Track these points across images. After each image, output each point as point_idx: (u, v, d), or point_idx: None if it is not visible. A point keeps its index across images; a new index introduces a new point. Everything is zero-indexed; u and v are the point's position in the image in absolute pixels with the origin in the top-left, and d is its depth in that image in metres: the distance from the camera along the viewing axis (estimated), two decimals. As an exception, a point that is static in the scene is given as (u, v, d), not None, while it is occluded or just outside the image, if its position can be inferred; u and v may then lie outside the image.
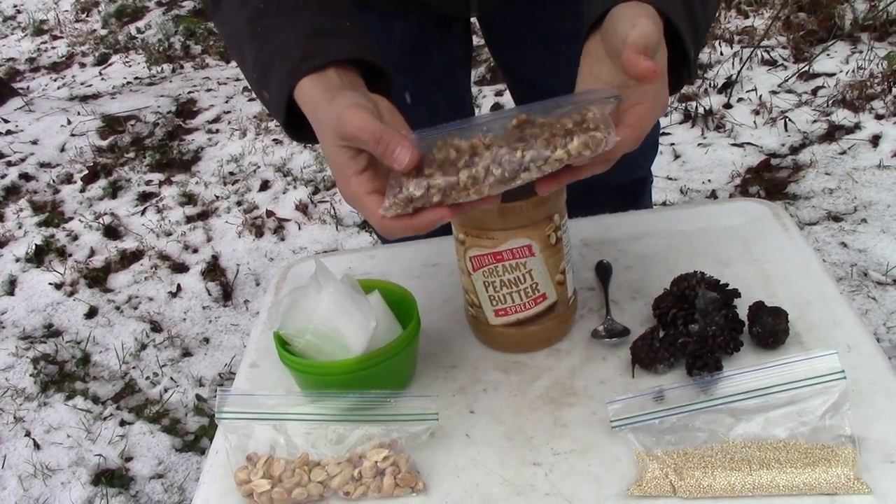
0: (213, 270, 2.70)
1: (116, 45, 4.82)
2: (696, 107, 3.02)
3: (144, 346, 2.41)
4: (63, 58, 4.85)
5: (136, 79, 4.37)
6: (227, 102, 3.87)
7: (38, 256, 2.88)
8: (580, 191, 0.97)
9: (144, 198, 3.19)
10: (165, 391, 2.23)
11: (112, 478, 1.98)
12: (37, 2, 5.72)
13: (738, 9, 3.73)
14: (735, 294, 0.93)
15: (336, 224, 2.78)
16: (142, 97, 4.03)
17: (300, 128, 0.83)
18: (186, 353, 2.37)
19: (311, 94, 0.78)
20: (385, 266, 1.16)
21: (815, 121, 2.85)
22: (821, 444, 0.75)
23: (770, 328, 0.87)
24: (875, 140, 2.70)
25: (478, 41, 1.53)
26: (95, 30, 5.16)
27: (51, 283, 2.72)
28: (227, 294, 2.60)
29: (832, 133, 2.78)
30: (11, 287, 2.75)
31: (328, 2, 0.86)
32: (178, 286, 2.63)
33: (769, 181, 2.63)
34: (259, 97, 0.89)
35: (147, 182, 3.28)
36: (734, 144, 2.82)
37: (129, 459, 2.03)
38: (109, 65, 4.63)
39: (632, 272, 1.05)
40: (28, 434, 2.14)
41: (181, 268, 2.74)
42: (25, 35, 5.27)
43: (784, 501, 0.72)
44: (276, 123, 3.39)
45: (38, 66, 4.81)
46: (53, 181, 3.37)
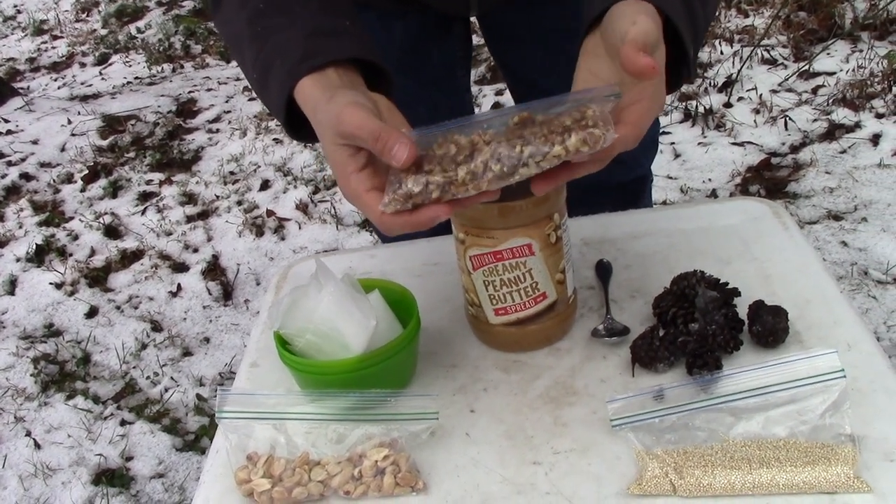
0: (214, 270, 2.70)
1: (117, 45, 4.82)
2: (697, 106, 3.02)
3: (145, 346, 2.41)
4: (63, 58, 4.85)
5: (137, 78, 4.37)
6: (228, 102, 3.87)
7: (39, 256, 2.88)
8: (580, 189, 0.97)
9: (145, 197, 3.19)
10: (166, 391, 2.23)
11: (112, 477, 1.99)
12: (37, 2, 5.72)
13: (739, 8, 3.73)
14: (735, 293, 0.93)
15: (336, 223, 2.78)
16: (142, 97, 4.03)
17: (300, 127, 0.83)
18: (187, 353, 2.37)
19: (311, 94, 0.78)
20: (385, 265, 1.16)
21: (816, 120, 2.85)
22: (821, 443, 0.75)
23: (770, 327, 0.87)
24: (875, 139, 2.70)
25: (478, 40, 1.53)
26: (95, 30, 5.16)
27: (51, 283, 2.72)
28: (228, 294, 2.60)
29: (832, 132, 2.78)
30: (12, 287, 2.76)
31: (328, 2, 0.86)
32: (179, 286, 2.64)
33: (769, 180, 2.63)
34: (259, 97, 0.89)
35: (147, 182, 3.28)
36: (734, 143, 2.82)
37: (130, 459, 2.03)
38: (110, 65, 4.63)
39: (632, 271, 1.05)
40: (29, 434, 2.14)
41: (181, 267, 2.74)
42: (25, 35, 5.27)
43: (784, 500, 0.72)
44: (277, 123, 3.40)
45: (39, 66, 4.81)
46: (54, 181, 3.37)
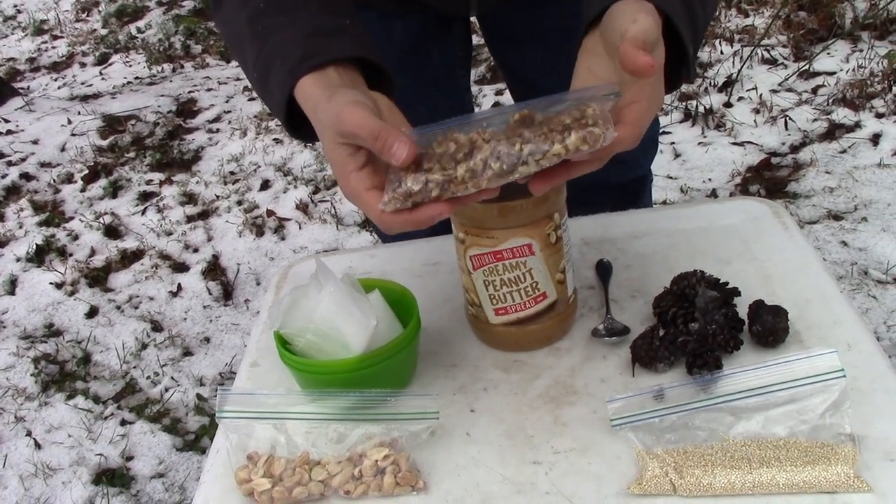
0: (214, 270, 2.70)
1: (117, 45, 4.82)
2: (697, 106, 3.02)
3: (145, 346, 2.41)
4: (63, 57, 4.85)
5: (137, 78, 4.37)
6: (228, 102, 3.87)
7: (39, 256, 2.88)
8: (580, 189, 0.98)
9: (145, 197, 3.19)
10: (166, 391, 2.23)
11: (113, 477, 1.99)
12: (37, 1, 5.72)
13: (739, 7, 3.73)
14: (735, 293, 0.93)
15: (336, 223, 2.78)
16: (142, 97, 4.03)
17: (301, 126, 0.83)
18: (187, 353, 2.37)
19: (312, 93, 0.79)
20: (385, 265, 1.16)
21: (816, 119, 2.85)
22: (821, 443, 0.75)
23: (770, 327, 0.87)
24: (875, 139, 2.70)
25: (478, 40, 1.53)
26: (96, 29, 5.16)
27: (51, 283, 2.72)
28: (228, 293, 2.60)
29: (832, 132, 2.78)
30: (12, 287, 2.76)
31: (328, 1, 0.87)
32: (179, 286, 2.64)
33: (769, 180, 2.63)
34: (260, 96, 0.89)
35: (147, 182, 3.28)
36: (734, 143, 2.82)
37: (130, 459, 2.03)
38: (110, 64, 4.63)
39: (632, 271, 1.05)
40: (29, 434, 2.14)
41: (182, 267, 2.74)
42: (26, 35, 5.27)
43: (784, 500, 0.72)
44: (277, 122, 3.41)
45: (39, 66, 4.81)
46: (54, 181, 3.37)
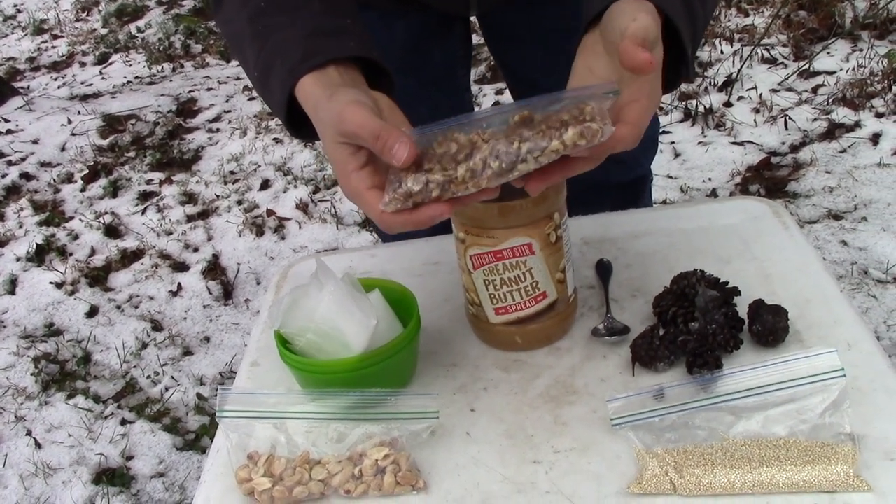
0: (214, 269, 2.70)
1: (117, 45, 4.82)
2: (697, 105, 3.02)
3: (145, 345, 2.41)
4: (63, 57, 4.85)
5: (137, 78, 4.37)
6: (228, 101, 3.87)
7: (39, 256, 2.88)
8: (580, 189, 0.98)
9: (145, 197, 3.19)
10: (166, 390, 2.23)
11: (113, 477, 1.99)
12: (37, 1, 5.72)
13: (739, 7, 3.73)
14: (735, 292, 0.93)
15: (336, 223, 2.78)
16: (142, 96, 4.03)
17: (301, 125, 0.83)
18: (187, 352, 2.37)
19: (312, 92, 0.79)
20: (386, 265, 1.16)
21: (816, 119, 2.85)
22: (821, 442, 0.75)
23: (770, 326, 0.87)
24: (875, 138, 2.70)
25: (478, 40, 1.53)
26: (95, 29, 5.16)
27: (52, 283, 2.72)
28: (228, 293, 2.60)
29: (832, 131, 2.78)
30: (12, 286, 2.76)
31: (329, 1, 0.86)
32: (179, 285, 2.64)
33: (769, 179, 2.63)
34: (261, 95, 0.89)
35: (147, 181, 3.28)
36: (734, 143, 2.82)
37: (130, 458, 2.03)
38: (110, 64, 4.63)
39: (632, 270, 1.05)
40: (29, 433, 2.14)
41: (182, 267, 2.74)
42: (26, 34, 5.27)
43: (784, 499, 0.72)
44: (277, 122, 3.41)
45: (39, 66, 4.81)
46: (54, 180, 3.37)
